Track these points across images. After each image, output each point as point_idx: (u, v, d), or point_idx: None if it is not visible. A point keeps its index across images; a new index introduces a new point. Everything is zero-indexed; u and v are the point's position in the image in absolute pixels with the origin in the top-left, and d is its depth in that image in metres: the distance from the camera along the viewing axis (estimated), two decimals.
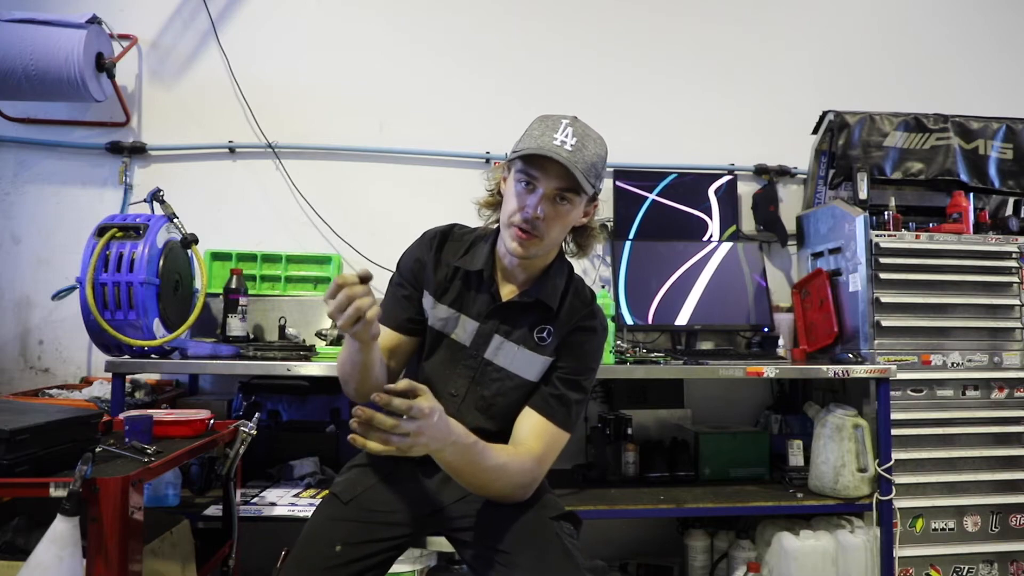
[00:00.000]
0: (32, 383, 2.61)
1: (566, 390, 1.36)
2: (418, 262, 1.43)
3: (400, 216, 2.78)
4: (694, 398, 2.81)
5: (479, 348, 1.39)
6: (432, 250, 1.42)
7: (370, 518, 1.36)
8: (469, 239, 1.44)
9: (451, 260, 1.41)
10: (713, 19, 3.10)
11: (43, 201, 2.71)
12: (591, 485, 2.41)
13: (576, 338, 1.39)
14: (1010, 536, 2.45)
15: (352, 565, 1.29)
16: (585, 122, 1.32)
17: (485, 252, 1.40)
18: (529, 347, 1.37)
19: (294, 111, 2.83)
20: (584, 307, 1.41)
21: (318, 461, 2.35)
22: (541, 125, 1.31)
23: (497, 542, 1.30)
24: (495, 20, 2.97)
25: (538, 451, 1.31)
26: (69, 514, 1.21)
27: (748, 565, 2.28)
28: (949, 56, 3.21)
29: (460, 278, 1.41)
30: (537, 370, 1.38)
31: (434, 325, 1.41)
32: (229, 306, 2.41)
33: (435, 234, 1.45)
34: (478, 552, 1.33)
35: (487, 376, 1.39)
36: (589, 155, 1.28)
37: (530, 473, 1.30)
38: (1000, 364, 2.51)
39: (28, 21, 2.39)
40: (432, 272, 1.41)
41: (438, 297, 1.41)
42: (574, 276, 1.46)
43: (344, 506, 1.39)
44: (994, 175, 2.77)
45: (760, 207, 2.93)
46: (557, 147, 1.25)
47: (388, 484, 1.42)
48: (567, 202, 1.29)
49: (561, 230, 1.34)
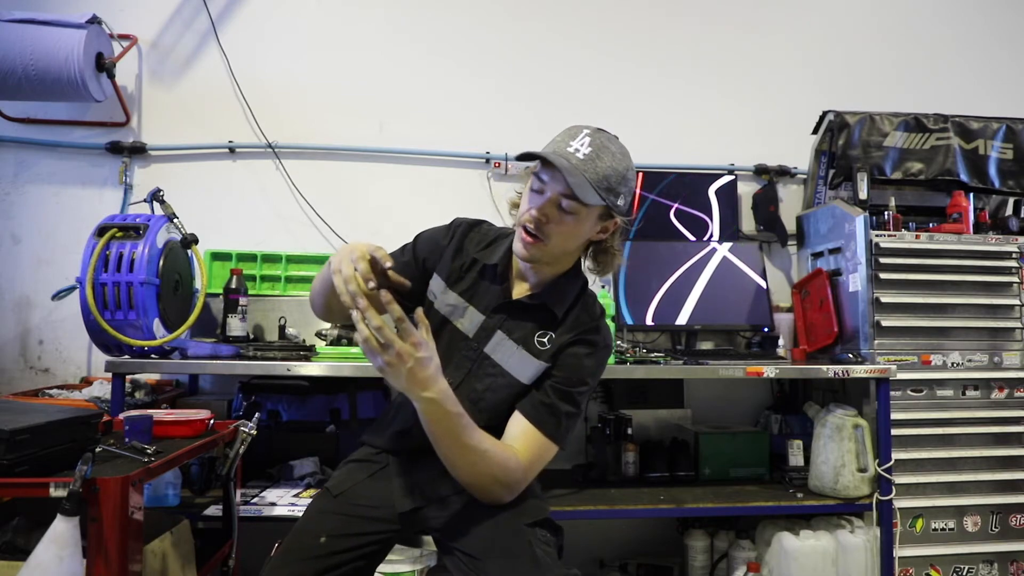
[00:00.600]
0: (32, 383, 2.61)
1: (557, 400, 1.33)
2: (436, 244, 1.44)
3: (400, 216, 2.78)
4: (694, 398, 2.81)
5: (480, 341, 1.38)
6: (455, 237, 1.44)
7: (355, 512, 1.38)
8: (493, 235, 1.46)
9: (471, 250, 1.43)
10: (713, 19, 3.10)
11: (43, 201, 2.71)
12: (591, 485, 2.41)
13: (575, 349, 1.36)
14: (1010, 536, 2.45)
15: (334, 557, 1.31)
16: (612, 134, 1.32)
17: (504, 249, 1.41)
18: (528, 349, 1.37)
19: (294, 111, 2.83)
20: (590, 321, 1.39)
21: (318, 461, 2.35)
22: (565, 132, 1.32)
23: (469, 547, 1.28)
24: (495, 20, 2.97)
25: (525, 458, 1.29)
26: (69, 514, 1.21)
27: (748, 565, 2.28)
28: (949, 56, 3.21)
29: (476, 270, 1.41)
30: (530, 373, 1.36)
31: (440, 310, 1.41)
32: (229, 306, 2.40)
33: (462, 223, 1.47)
34: (454, 557, 1.32)
35: (483, 370, 1.38)
36: (603, 167, 1.25)
37: (514, 473, 1.28)
38: (1000, 364, 2.51)
39: (28, 21, 2.39)
40: (450, 258, 1.42)
41: (450, 284, 1.41)
42: (587, 291, 1.44)
43: (333, 499, 1.41)
44: (994, 175, 2.77)
45: (760, 207, 2.93)
46: (568, 153, 1.24)
47: (377, 480, 1.43)
48: (571, 211, 1.27)
49: (566, 239, 1.31)
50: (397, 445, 1.45)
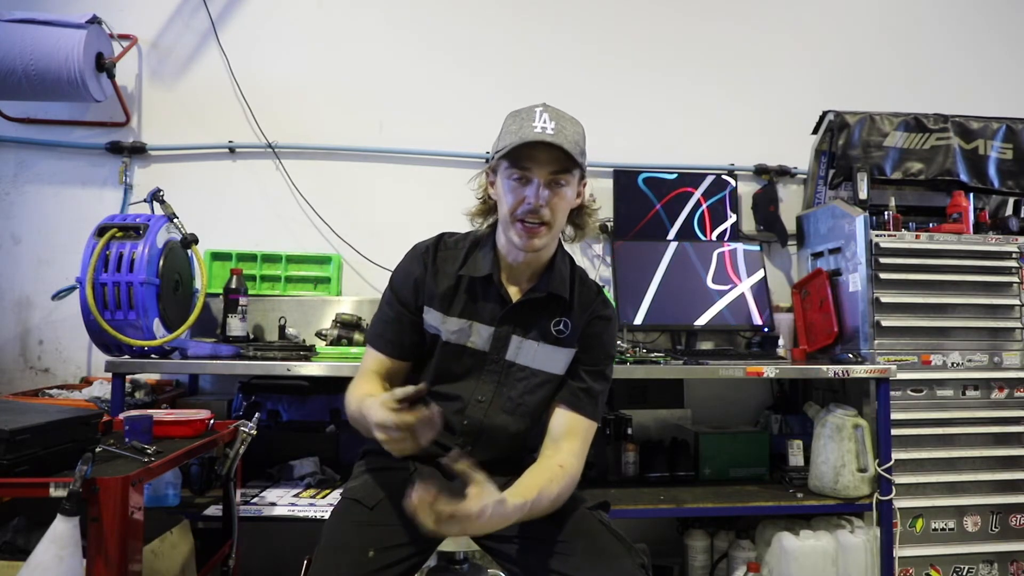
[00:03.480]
0: (32, 383, 2.61)
1: (592, 382, 1.39)
2: (415, 281, 1.40)
3: (400, 216, 2.79)
4: (694, 398, 2.81)
5: (499, 351, 1.39)
6: (428, 264, 1.40)
7: (397, 521, 1.32)
8: (464, 246, 1.43)
9: (452, 270, 1.40)
10: (714, 19, 3.10)
11: (43, 201, 2.71)
12: (591, 485, 2.40)
13: (595, 329, 1.41)
14: (1010, 536, 2.45)
15: (385, 571, 1.27)
16: (555, 106, 1.33)
17: (488, 256, 1.39)
18: (549, 342, 1.39)
19: (294, 111, 2.83)
20: (595, 295, 1.44)
21: (318, 461, 2.34)
22: (516, 119, 1.31)
23: (545, 535, 1.31)
24: (496, 20, 2.97)
25: (578, 448, 1.35)
26: (69, 514, 1.21)
27: (748, 565, 2.28)
28: (949, 56, 3.21)
29: (465, 287, 1.40)
30: (562, 364, 1.40)
31: (448, 339, 1.39)
32: (229, 306, 2.41)
33: (425, 248, 1.43)
34: (523, 546, 1.33)
35: (512, 377, 1.40)
36: (571, 134, 1.29)
37: (575, 479, 1.33)
38: (1000, 364, 2.51)
39: (28, 21, 2.39)
40: (434, 285, 1.39)
41: (446, 311, 1.39)
42: (576, 266, 1.47)
43: (370, 511, 1.36)
44: (994, 175, 2.77)
45: (760, 207, 2.93)
46: (540, 133, 1.26)
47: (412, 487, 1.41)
48: (564, 183, 1.31)
49: (564, 213, 1.34)
50: (426, 453, 1.40)
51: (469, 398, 1.40)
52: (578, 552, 1.29)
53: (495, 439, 1.41)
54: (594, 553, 1.29)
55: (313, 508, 2.03)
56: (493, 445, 1.42)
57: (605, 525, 1.35)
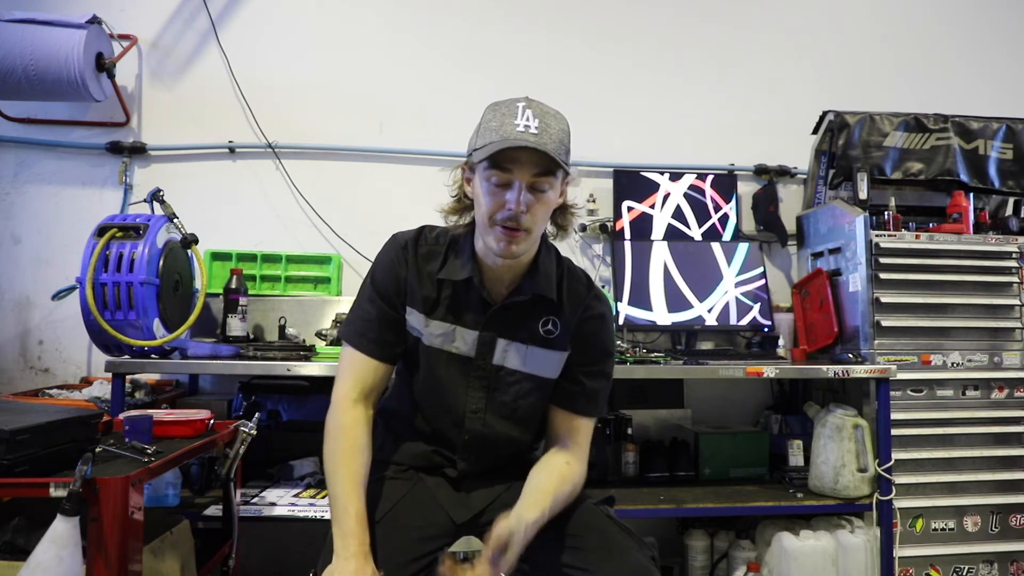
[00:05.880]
0: (32, 383, 2.61)
1: (591, 383, 1.36)
2: (398, 279, 1.33)
3: (400, 216, 2.77)
4: (694, 398, 2.81)
5: (485, 356, 1.33)
6: (409, 261, 1.33)
7: (407, 535, 1.28)
8: (443, 243, 1.35)
9: (432, 270, 1.33)
10: (713, 19, 3.09)
11: (43, 201, 2.70)
12: (591, 485, 2.32)
13: (588, 328, 1.35)
14: (1010, 536, 2.45)
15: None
16: (539, 100, 1.24)
17: (467, 258, 1.32)
18: (538, 344, 1.34)
19: (294, 111, 2.83)
20: (586, 291, 1.37)
21: (318, 461, 2.35)
22: (497, 115, 1.21)
23: (554, 531, 1.29)
24: (495, 20, 2.97)
25: (581, 444, 1.37)
26: (69, 514, 1.21)
27: (748, 565, 2.28)
28: (949, 56, 3.21)
29: (447, 289, 1.33)
30: (555, 367, 1.35)
31: (431, 344, 1.33)
32: (229, 306, 2.41)
33: (405, 243, 1.35)
34: (532, 543, 1.26)
35: (502, 381, 1.35)
36: (555, 132, 1.20)
37: (583, 470, 1.36)
38: (1000, 364, 2.51)
39: (28, 21, 2.39)
40: (417, 286, 1.33)
41: (428, 313, 1.32)
42: (563, 259, 1.39)
43: (376, 526, 1.27)
44: (994, 175, 2.77)
45: (760, 207, 2.93)
46: (523, 134, 1.17)
47: (418, 497, 1.35)
48: (547, 187, 1.22)
49: (545, 218, 1.27)
50: (429, 463, 1.40)
51: (463, 410, 1.35)
52: (589, 547, 1.28)
53: (497, 448, 1.39)
54: (605, 547, 1.28)
55: (313, 508, 2.03)
56: (496, 454, 1.40)
57: (613, 519, 1.34)
